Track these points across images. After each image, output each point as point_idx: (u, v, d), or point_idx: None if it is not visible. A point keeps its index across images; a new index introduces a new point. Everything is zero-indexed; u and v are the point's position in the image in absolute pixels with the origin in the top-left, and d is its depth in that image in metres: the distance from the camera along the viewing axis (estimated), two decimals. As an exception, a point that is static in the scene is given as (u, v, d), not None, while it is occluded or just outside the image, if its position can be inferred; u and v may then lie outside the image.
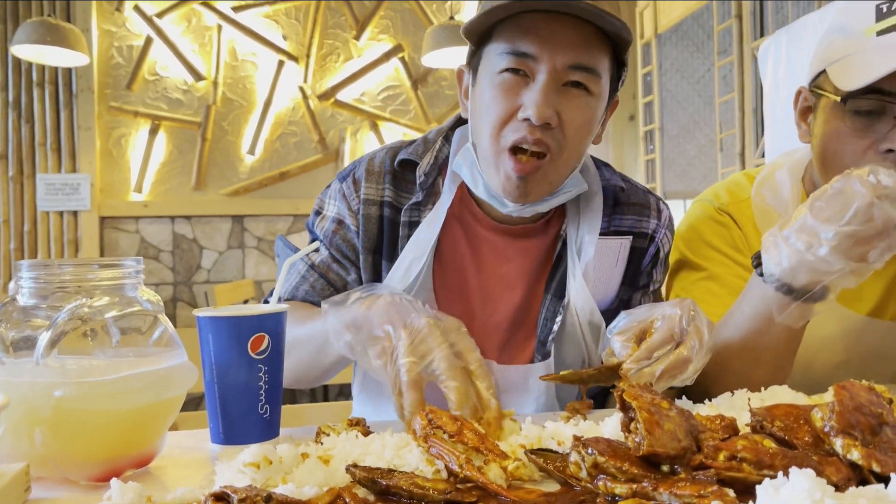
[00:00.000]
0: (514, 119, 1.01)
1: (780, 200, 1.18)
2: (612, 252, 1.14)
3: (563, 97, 1.00)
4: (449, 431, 0.73)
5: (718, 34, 4.17)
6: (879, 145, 1.02)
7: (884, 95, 1.00)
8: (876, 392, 0.65)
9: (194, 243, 4.71)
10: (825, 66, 1.09)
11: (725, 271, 1.19)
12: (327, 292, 1.16)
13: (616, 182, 1.17)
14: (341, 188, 1.16)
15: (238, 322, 0.84)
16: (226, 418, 0.85)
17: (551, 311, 1.13)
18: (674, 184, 4.86)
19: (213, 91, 4.67)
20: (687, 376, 0.87)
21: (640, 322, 0.92)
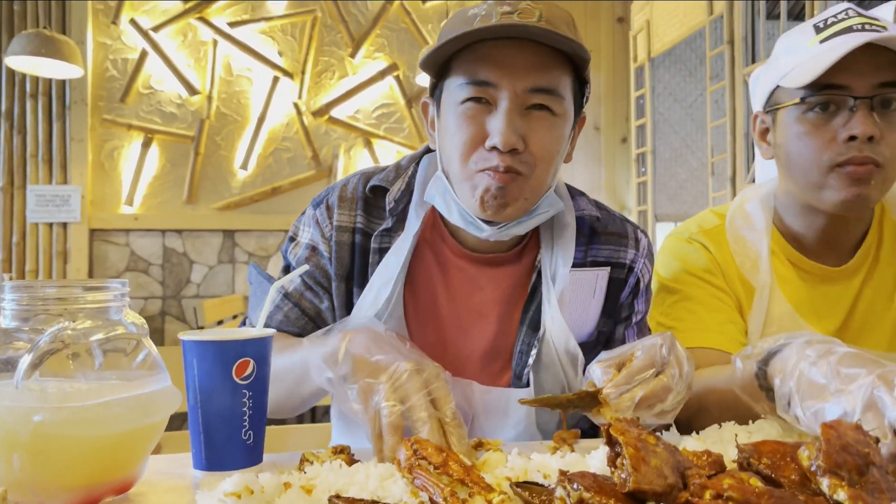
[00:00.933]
0: (481, 147, 1.01)
1: (755, 231, 1.26)
2: (589, 284, 1.13)
3: (527, 121, 1.00)
4: (434, 463, 0.72)
5: (711, 59, 4.21)
6: (839, 135, 1.10)
7: (837, 89, 1.10)
8: (863, 431, 0.64)
9: (184, 257, 4.69)
10: (775, 82, 1.18)
11: (701, 292, 1.23)
12: (301, 321, 1.15)
13: (591, 212, 1.16)
14: (315, 214, 1.15)
15: (223, 346, 0.83)
16: (209, 444, 0.84)
17: (526, 344, 1.12)
18: (665, 206, 4.89)
19: (208, 105, 4.67)
20: (666, 406, 0.86)
21: (621, 354, 0.91)
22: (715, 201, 4.23)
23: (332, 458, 0.83)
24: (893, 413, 0.71)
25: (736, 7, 3.95)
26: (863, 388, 0.75)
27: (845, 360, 0.79)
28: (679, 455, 0.66)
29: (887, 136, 1.10)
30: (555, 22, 0.98)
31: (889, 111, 1.11)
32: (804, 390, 0.81)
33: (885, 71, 1.10)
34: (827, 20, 1.15)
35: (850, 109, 1.10)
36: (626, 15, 5.36)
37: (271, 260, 4.78)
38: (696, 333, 1.18)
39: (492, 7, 0.99)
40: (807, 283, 1.25)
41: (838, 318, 1.25)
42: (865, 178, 1.11)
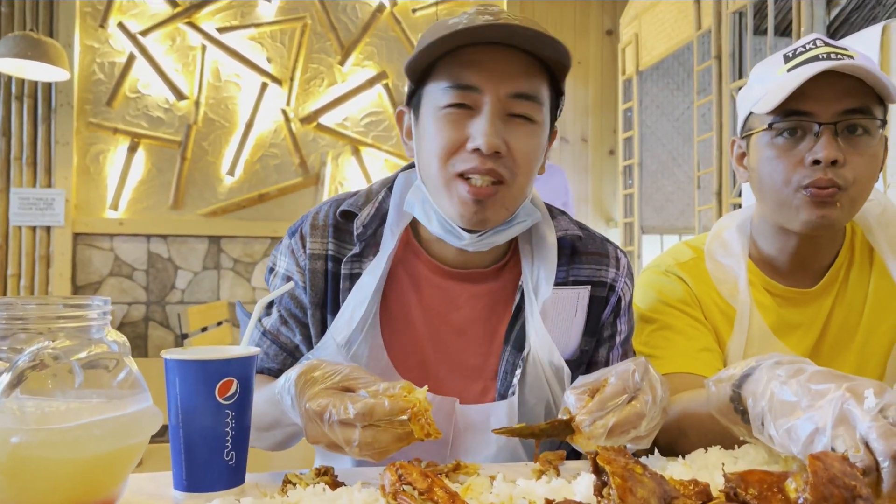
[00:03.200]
0: (462, 150, 1.01)
1: (732, 256, 1.30)
2: (571, 302, 1.13)
3: (508, 126, 1.01)
4: (419, 488, 0.71)
5: (698, 74, 4.24)
6: (806, 159, 1.15)
7: (802, 115, 1.15)
8: (850, 463, 0.64)
9: (169, 263, 4.65)
10: (749, 109, 1.24)
11: (678, 321, 1.25)
12: (281, 357, 1.14)
13: (573, 232, 1.16)
14: (290, 244, 1.15)
15: (206, 366, 0.82)
16: (190, 465, 0.82)
17: (510, 364, 1.10)
18: (651, 218, 4.91)
19: (195, 111, 4.65)
20: (641, 432, 0.85)
21: (595, 381, 0.91)
22: (701, 215, 4.26)
23: (316, 480, 0.82)
24: (864, 426, 0.71)
25: (724, 22, 3.98)
26: (833, 403, 0.75)
27: (815, 378, 0.80)
28: (666, 485, 0.66)
29: (851, 159, 1.14)
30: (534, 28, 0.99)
31: (852, 136, 1.15)
32: (776, 409, 0.81)
33: (848, 98, 1.14)
34: (796, 50, 1.20)
35: (815, 134, 1.14)
36: (614, 28, 5.39)
37: (257, 267, 4.75)
38: (674, 360, 1.19)
39: (473, 17, 0.99)
40: (781, 306, 1.28)
41: (812, 337, 1.28)
42: (829, 200, 1.15)
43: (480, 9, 1.01)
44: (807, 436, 0.76)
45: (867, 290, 1.28)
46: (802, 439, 0.76)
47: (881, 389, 0.75)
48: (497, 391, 1.11)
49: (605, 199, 5.43)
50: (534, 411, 1.12)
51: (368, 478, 0.91)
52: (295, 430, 0.98)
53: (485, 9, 1.01)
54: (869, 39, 1.53)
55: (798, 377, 0.81)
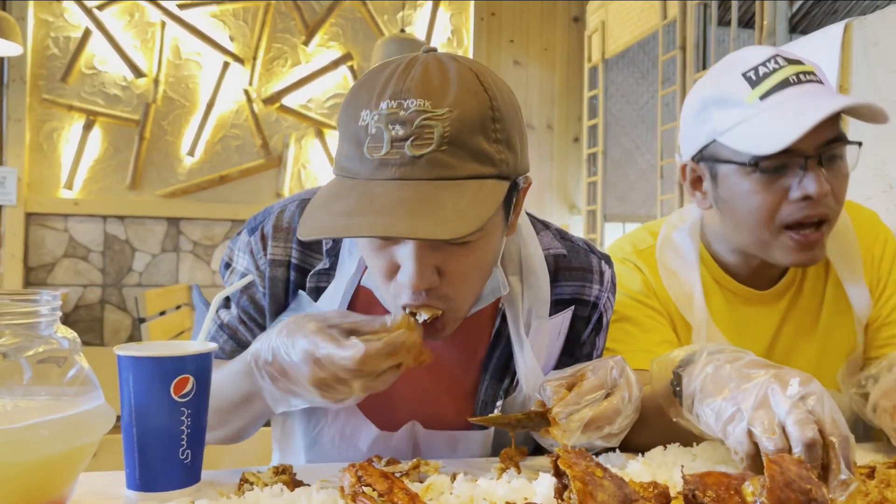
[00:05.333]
0: (393, 280, 0.88)
1: (685, 263, 1.25)
2: (556, 327, 1.07)
3: (441, 251, 0.86)
4: (379, 490, 0.70)
5: (663, 63, 4.26)
6: (791, 195, 1.10)
7: (789, 154, 1.08)
8: (806, 466, 0.65)
9: (126, 244, 4.55)
10: (713, 136, 1.15)
11: (636, 313, 1.24)
12: (237, 354, 1.04)
13: (556, 249, 1.09)
14: (249, 242, 1.05)
15: (161, 363, 0.80)
16: (144, 464, 0.80)
17: (490, 395, 1.05)
18: (614, 206, 4.94)
19: (154, 89, 4.54)
20: (614, 429, 0.86)
21: (572, 374, 0.91)
22: (663, 204, 4.30)
23: (273, 479, 0.81)
24: (782, 410, 0.75)
25: (689, 13, 4.00)
26: (757, 386, 0.78)
27: (750, 364, 0.82)
28: (626, 487, 0.66)
29: (832, 186, 1.11)
30: (463, 136, 0.81)
31: (832, 164, 1.12)
32: (707, 389, 0.83)
33: (829, 129, 1.10)
34: (758, 70, 1.12)
35: (801, 168, 1.10)
36: (581, 15, 5.39)
37: (217, 250, 4.68)
38: (633, 354, 1.17)
39: (384, 124, 0.81)
40: (733, 304, 1.27)
41: (765, 340, 1.28)
42: (818, 242, 1.13)
43: (389, 127, 0.81)
44: (728, 415, 0.78)
45: (822, 298, 1.28)
46: (723, 419, 0.79)
47: (807, 379, 0.78)
48: None
49: (568, 187, 5.46)
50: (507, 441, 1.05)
51: (327, 475, 0.90)
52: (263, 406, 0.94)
53: (393, 128, 0.81)
54: (831, 37, 1.54)
55: (735, 363, 0.84)
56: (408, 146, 0.80)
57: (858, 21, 1.51)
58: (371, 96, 0.85)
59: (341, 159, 0.88)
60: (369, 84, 0.86)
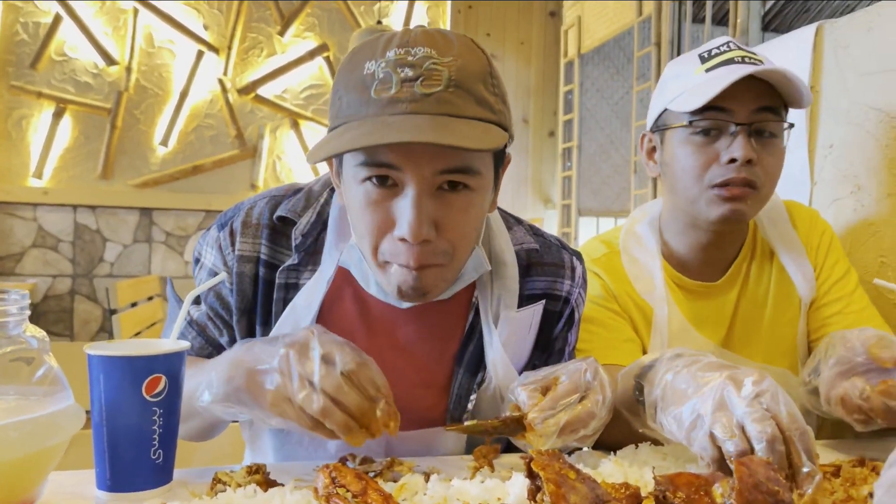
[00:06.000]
0: (389, 235, 0.89)
1: (647, 251, 1.34)
2: (526, 320, 1.07)
3: (439, 202, 0.88)
4: (353, 491, 0.70)
5: (638, 59, 4.29)
6: (721, 158, 1.20)
7: (721, 112, 1.19)
8: (774, 468, 0.66)
9: (97, 234, 4.49)
10: (664, 106, 1.28)
11: (598, 314, 1.29)
12: (206, 351, 1.06)
13: (529, 244, 1.10)
14: (218, 238, 1.05)
15: (133, 362, 0.79)
16: (114, 464, 0.79)
17: (465, 388, 1.05)
18: (588, 201, 4.97)
19: (126, 77, 4.47)
20: (588, 431, 0.86)
21: (545, 377, 0.91)
22: (636, 199, 4.33)
23: (247, 479, 0.80)
24: (740, 411, 0.76)
25: (664, 9, 4.03)
26: (714, 390, 0.80)
27: (704, 367, 0.84)
28: (598, 489, 0.67)
29: (763, 159, 1.20)
30: (467, 82, 0.86)
31: (764, 137, 1.21)
32: (668, 397, 0.85)
33: (763, 100, 1.20)
34: (711, 51, 1.25)
35: (731, 134, 1.20)
36: (558, 10, 5.40)
37: (190, 240, 4.63)
38: (600, 351, 1.21)
39: (392, 68, 0.85)
40: (690, 300, 1.33)
41: (722, 329, 1.34)
42: (741, 196, 1.21)
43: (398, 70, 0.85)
44: (689, 422, 0.80)
45: (769, 284, 1.35)
46: (686, 425, 0.80)
47: (761, 377, 0.80)
48: (449, 412, 1.06)
49: (544, 181, 5.48)
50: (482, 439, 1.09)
51: (301, 474, 0.90)
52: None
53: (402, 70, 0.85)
54: (802, 39, 1.56)
55: (691, 367, 0.85)
56: (417, 85, 0.84)
57: (829, 24, 1.53)
58: (375, 50, 0.88)
59: (342, 109, 0.89)
60: (370, 44, 0.90)
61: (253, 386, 0.81)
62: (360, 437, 0.79)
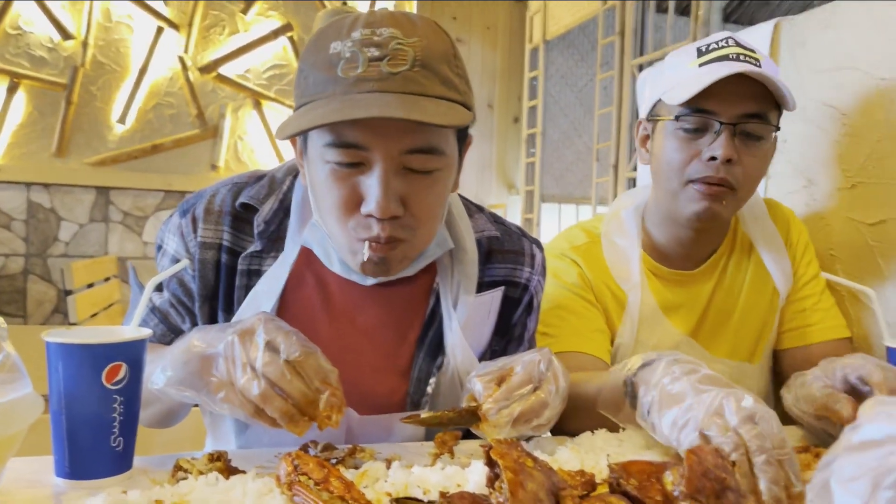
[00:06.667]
0: (356, 213, 0.91)
1: (627, 237, 1.36)
2: (485, 305, 1.10)
3: (406, 181, 0.91)
4: (315, 479, 0.71)
5: (602, 48, 4.32)
6: (703, 155, 1.21)
7: (706, 113, 1.21)
8: (722, 455, 0.69)
9: (52, 213, 4.39)
10: (659, 96, 1.29)
11: (571, 303, 1.31)
12: (168, 338, 1.06)
13: (490, 232, 1.12)
14: (180, 225, 1.05)
15: (93, 350, 0.79)
16: (73, 452, 0.79)
17: (425, 372, 1.07)
18: (551, 187, 5.01)
19: (83, 52, 4.35)
20: (542, 420, 0.88)
21: (501, 367, 0.93)
22: (598, 186, 4.38)
23: (208, 467, 0.80)
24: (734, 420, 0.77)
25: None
26: (711, 397, 0.81)
27: (704, 380, 0.85)
28: (554, 476, 0.69)
29: (744, 160, 1.22)
30: (433, 62, 0.88)
31: (748, 139, 1.22)
32: (664, 401, 0.86)
33: (750, 102, 1.21)
34: (709, 45, 1.25)
35: (715, 132, 1.21)
36: (524, -5, 5.41)
37: (149, 221, 4.56)
38: (568, 339, 1.25)
39: (358, 48, 0.87)
40: (665, 287, 1.36)
41: (693, 317, 1.37)
42: (717, 196, 1.23)
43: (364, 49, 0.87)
44: (681, 424, 0.82)
45: (745, 277, 1.38)
46: (679, 425, 0.82)
47: (757, 399, 0.81)
48: (409, 395, 1.08)
49: (508, 167, 5.50)
50: None
51: (263, 461, 0.91)
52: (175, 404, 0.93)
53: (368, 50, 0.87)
54: (761, 35, 1.60)
55: (690, 377, 0.86)
56: (384, 64, 0.86)
57: (787, 21, 1.57)
58: (340, 30, 0.90)
59: (308, 88, 0.91)
60: (336, 24, 0.91)
61: (203, 371, 0.82)
62: (302, 426, 0.78)
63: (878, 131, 1.37)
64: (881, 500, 0.38)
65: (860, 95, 1.41)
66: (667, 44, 3.80)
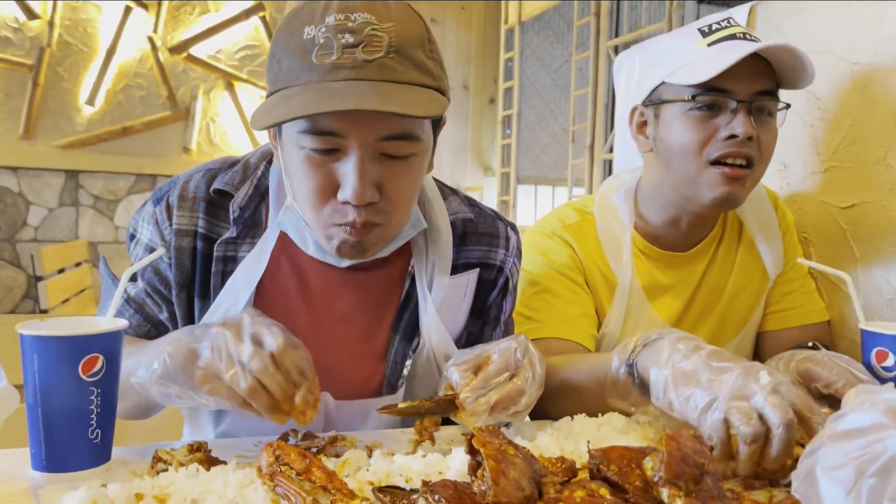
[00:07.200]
0: (332, 199, 0.92)
1: (620, 223, 1.34)
2: (461, 288, 1.11)
3: (381, 166, 0.91)
4: (296, 469, 0.71)
5: (577, 29, 4.31)
6: (720, 134, 1.20)
7: (722, 92, 1.20)
8: (701, 441, 0.70)
9: (20, 197, 4.31)
10: (662, 78, 1.26)
11: (558, 285, 1.29)
12: (145, 328, 1.05)
13: (464, 214, 1.13)
14: (154, 213, 1.04)
15: (69, 342, 0.77)
16: (50, 445, 0.78)
17: (401, 354, 1.08)
18: (527, 169, 5.02)
19: (49, 32, 4.25)
20: (520, 407, 0.89)
21: (478, 356, 0.93)
22: (574, 168, 4.40)
23: (188, 457, 0.80)
24: (759, 399, 0.80)
25: (604, -21, 4.05)
26: (732, 378, 0.84)
27: (713, 357, 0.88)
28: (536, 464, 0.69)
29: (760, 137, 1.22)
30: (407, 48, 0.89)
31: (763, 116, 1.23)
32: (678, 378, 0.88)
33: (763, 79, 1.21)
34: (711, 26, 1.25)
35: (732, 111, 1.20)
36: (499, -25, 5.37)
37: (120, 204, 4.49)
38: (553, 325, 1.25)
39: (333, 34, 0.87)
40: (655, 268, 1.35)
41: (682, 299, 1.37)
42: (740, 178, 1.22)
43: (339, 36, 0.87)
44: (704, 404, 0.83)
45: (735, 260, 1.39)
46: (700, 407, 0.84)
47: (773, 371, 0.84)
48: (385, 379, 1.09)
49: (483, 149, 5.49)
50: None
51: (243, 450, 0.91)
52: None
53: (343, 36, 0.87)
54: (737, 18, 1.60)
55: (699, 353, 0.88)
56: (359, 51, 0.87)
57: (763, 4, 1.57)
58: (314, 15, 0.89)
59: (282, 74, 0.91)
60: (308, 8, 0.91)
61: (188, 364, 0.82)
62: (282, 417, 0.81)
63: (851, 116, 1.39)
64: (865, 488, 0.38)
65: (835, 80, 1.42)
66: (642, 25, 3.81)
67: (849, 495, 0.39)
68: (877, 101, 1.34)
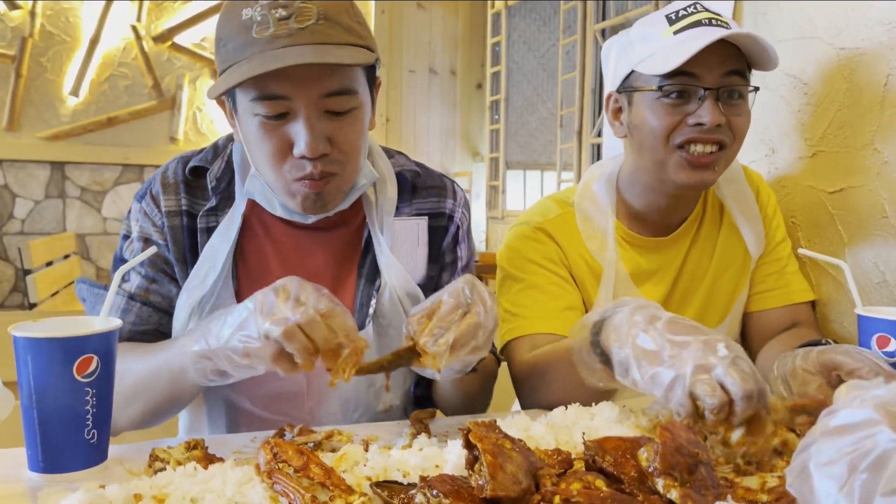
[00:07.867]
0: (289, 157, 1.03)
1: (601, 211, 1.36)
2: (413, 233, 1.21)
3: (328, 122, 1.03)
4: (294, 466, 0.71)
5: (564, 12, 4.30)
6: (688, 120, 1.22)
7: (690, 78, 1.21)
8: (694, 431, 0.71)
9: (6, 190, 4.27)
10: (631, 67, 1.28)
11: (543, 280, 1.31)
12: (156, 317, 1.13)
13: (410, 167, 1.23)
14: (142, 207, 1.15)
15: (63, 343, 0.77)
16: (46, 446, 0.78)
17: (366, 296, 1.17)
18: (516, 154, 5.02)
19: (31, 22, 4.20)
20: (479, 342, 0.90)
21: (431, 304, 0.94)
22: (563, 152, 4.40)
23: (186, 456, 0.80)
24: (719, 371, 0.82)
25: (591, -38, 4.03)
26: (693, 353, 0.85)
27: (671, 328, 0.89)
28: (532, 457, 0.70)
29: (731, 120, 1.22)
30: (334, 15, 1.00)
31: (734, 100, 1.23)
32: (640, 356, 0.89)
33: (730, 63, 1.21)
34: (678, 12, 1.25)
35: (700, 98, 1.21)
36: (485, -42, 5.34)
37: (108, 195, 4.46)
38: (540, 320, 1.25)
39: (267, 10, 0.98)
40: (639, 254, 1.36)
41: (667, 283, 1.39)
42: (709, 164, 1.23)
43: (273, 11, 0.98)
44: (668, 381, 0.85)
45: (716, 242, 1.40)
46: (665, 384, 0.85)
47: (730, 343, 0.86)
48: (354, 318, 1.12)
49: (472, 134, 5.48)
50: (394, 344, 1.14)
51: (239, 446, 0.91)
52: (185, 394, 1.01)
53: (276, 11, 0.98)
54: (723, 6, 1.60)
55: (655, 325, 0.89)
56: (292, 21, 0.98)
57: (750, -10, 1.57)
58: (242, 10, 1.00)
59: (229, 54, 1.02)
60: None
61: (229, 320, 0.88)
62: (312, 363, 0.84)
63: (838, 100, 1.39)
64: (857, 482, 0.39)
65: (821, 65, 1.42)
66: (629, 9, 3.80)
67: (842, 490, 0.40)
68: (863, 86, 1.35)
